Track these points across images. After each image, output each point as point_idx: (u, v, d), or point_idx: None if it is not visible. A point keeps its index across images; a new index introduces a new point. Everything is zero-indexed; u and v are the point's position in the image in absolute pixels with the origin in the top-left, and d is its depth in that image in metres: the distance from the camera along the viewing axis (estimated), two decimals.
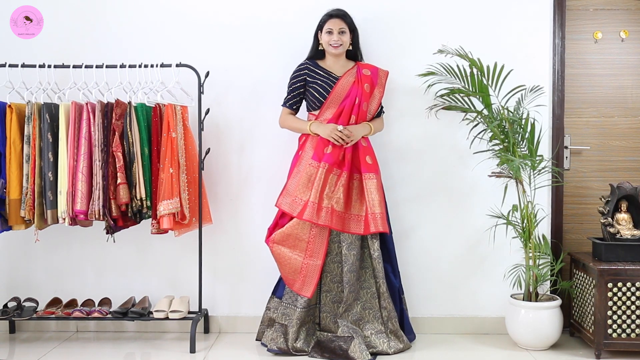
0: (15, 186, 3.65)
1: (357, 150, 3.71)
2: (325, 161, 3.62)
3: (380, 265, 3.65)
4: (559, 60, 4.00)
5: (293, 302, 3.65)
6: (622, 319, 3.55)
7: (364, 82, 3.72)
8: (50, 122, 3.67)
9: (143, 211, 3.69)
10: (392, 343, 3.64)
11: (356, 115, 3.71)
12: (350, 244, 3.63)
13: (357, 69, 3.77)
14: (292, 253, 3.62)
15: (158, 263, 4.08)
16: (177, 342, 3.88)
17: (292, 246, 3.63)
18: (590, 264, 3.62)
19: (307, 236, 3.62)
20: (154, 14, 4.03)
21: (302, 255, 3.62)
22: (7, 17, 4.02)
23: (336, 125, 3.64)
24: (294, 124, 3.78)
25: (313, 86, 3.72)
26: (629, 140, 4.12)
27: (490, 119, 3.73)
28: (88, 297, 4.00)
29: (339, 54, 3.75)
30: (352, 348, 3.54)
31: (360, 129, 3.70)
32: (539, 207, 3.87)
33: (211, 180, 4.02)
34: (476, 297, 4.04)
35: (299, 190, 3.63)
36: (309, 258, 3.61)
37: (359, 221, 3.65)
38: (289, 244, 3.62)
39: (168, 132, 3.67)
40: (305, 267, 3.61)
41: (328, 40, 3.70)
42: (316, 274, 3.61)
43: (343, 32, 3.71)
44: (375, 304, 3.69)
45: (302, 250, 3.62)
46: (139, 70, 3.75)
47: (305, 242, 3.62)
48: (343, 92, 3.70)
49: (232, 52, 4.03)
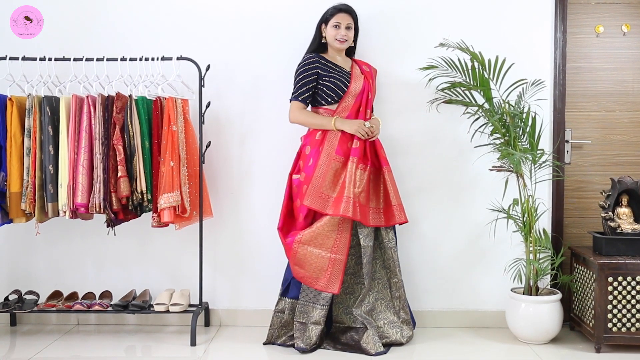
0: (16, 179, 3.65)
1: (375, 144, 3.72)
2: (354, 155, 3.60)
3: (396, 255, 3.68)
4: (561, 54, 3.99)
5: (314, 300, 3.60)
6: (622, 313, 3.55)
7: (369, 78, 3.76)
8: (51, 115, 3.67)
9: (144, 204, 3.69)
10: (404, 332, 3.66)
11: (371, 110, 3.76)
12: (366, 235, 3.63)
13: (359, 64, 3.79)
14: (320, 251, 3.56)
15: (159, 256, 4.08)
16: (177, 335, 3.89)
17: (320, 244, 3.56)
18: (591, 258, 3.62)
19: (336, 233, 3.57)
20: (155, 7, 4.02)
21: (329, 252, 3.57)
22: (7, 10, 4.01)
23: (363, 121, 3.63)
24: (313, 119, 3.68)
25: (329, 80, 3.66)
26: (630, 135, 4.11)
27: (492, 112, 3.73)
28: (89, 290, 4.00)
29: (343, 49, 3.76)
30: (364, 339, 3.55)
31: (378, 123, 3.75)
32: (540, 201, 3.87)
33: (212, 174, 4.02)
34: (476, 291, 4.04)
35: (326, 187, 3.57)
36: (335, 254, 3.57)
37: (378, 213, 3.66)
38: (317, 242, 3.56)
39: (169, 125, 3.67)
40: (332, 264, 3.56)
41: (334, 34, 3.68)
42: (342, 269, 3.58)
43: (349, 28, 3.72)
44: (387, 294, 3.71)
45: (329, 247, 3.57)
46: (139, 63, 3.74)
47: (333, 239, 3.57)
48: (358, 87, 3.71)
49: (233, 46, 4.02)
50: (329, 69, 3.70)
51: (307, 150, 3.69)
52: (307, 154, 3.69)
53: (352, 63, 3.79)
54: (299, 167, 3.72)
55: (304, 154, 3.71)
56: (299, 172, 3.70)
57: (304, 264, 3.58)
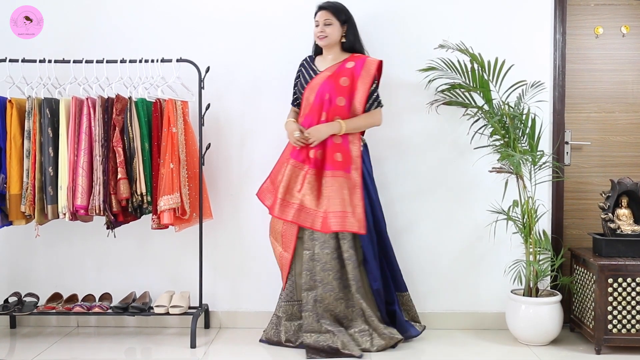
0: (15, 181, 3.65)
1: (325, 148, 3.64)
2: (294, 158, 3.67)
3: (351, 267, 3.59)
4: (560, 56, 3.99)
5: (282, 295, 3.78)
6: (622, 315, 3.55)
7: (341, 76, 3.65)
8: (51, 117, 3.67)
9: (143, 206, 3.69)
10: (375, 341, 3.58)
11: (327, 112, 3.64)
12: (323, 242, 3.59)
13: (343, 61, 3.70)
14: (276, 244, 3.75)
15: (158, 258, 4.08)
16: (177, 337, 3.88)
17: (275, 238, 3.75)
18: (591, 260, 3.62)
19: (281, 229, 3.70)
20: (154, 9, 4.03)
21: (280, 246, 3.73)
22: (7, 12, 4.02)
23: (294, 131, 3.64)
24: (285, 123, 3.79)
25: (297, 82, 3.79)
26: (629, 136, 4.11)
27: (491, 114, 3.73)
28: (89, 292, 4.00)
29: (326, 46, 3.71)
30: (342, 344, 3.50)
31: (324, 129, 3.62)
32: (540, 202, 3.87)
33: (212, 176, 4.02)
34: (476, 293, 4.04)
35: (268, 186, 3.79)
36: (284, 250, 3.70)
37: (319, 217, 3.59)
38: (273, 235, 3.77)
39: (168, 127, 3.67)
40: (280, 258, 3.73)
41: (315, 32, 3.71)
42: (286, 266, 3.69)
43: (328, 24, 3.65)
44: (358, 303, 3.62)
45: (280, 242, 3.73)
46: (139, 65, 3.74)
47: (280, 234, 3.71)
48: (315, 87, 3.67)
49: (233, 48, 4.02)
50: (304, 70, 3.77)
51: None
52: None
53: (344, 60, 3.71)
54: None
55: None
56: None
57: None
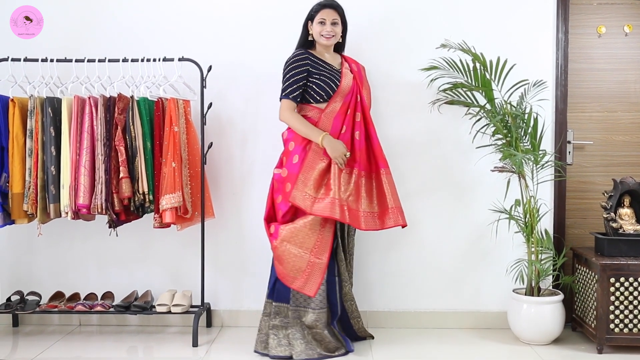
0: (17, 180, 3.66)
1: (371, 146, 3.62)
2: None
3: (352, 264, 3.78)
4: (562, 55, 3.99)
5: (304, 304, 3.53)
6: (624, 314, 3.55)
7: (357, 78, 3.65)
8: (53, 116, 3.67)
9: (145, 205, 3.69)
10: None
11: (361, 113, 3.61)
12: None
13: (344, 62, 3.69)
14: (299, 250, 3.46)
15: (160, 257, 4.08)
16: (179, 336, 3.89)
17: (300, 244, 3.47)
18: (593, 259, 3.62)
19: (317, 233, 3.47)
20: (156, 8, 4.03)
21: (309, 253, 3.46)
22: (7, 10, 4.02)
23: (345, 151, 3.48)
24: (303, 127, 3.52)
25: (320, 78, 3.56)
26: (632, 135, 4.11)
27: (493, 113, 3.73)
28: (91, 291, 4.01)
29: (330, 46, 3.65)
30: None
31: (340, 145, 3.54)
32: (542, 201, 3.87)
33: (214, 175, 4.02)
34: (478, 292, 4.04)
35: (310, 187, 3.46)
36: (315, 257, 3.47)
37: (373, 217, 3.54)
38: (296, 241, 3.47)
39: (170, 126, 3.67)
40: (311, 266, 3.46)
41: (320, 30, 3.58)
42: (322, 272, 3.48)
43: (336, 24, 3.60)
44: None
45: (309, 248, 3.46)
46: (141, 65, 3.75)
47: (314, 240, 3.47)
48: (347, 87, 3.59)
49: (235, 47, 4.02)
50: (319, 66, 3.58)
51: (291, 147, 3.57)
52: (290, 150, 3.57)
53: (342, 60, 3.70)
54: (281, 162, 3.62)
55: (287, 150, 3.59)
56: (281, 166, 3.60)
57: (283, 261, 3.50)
